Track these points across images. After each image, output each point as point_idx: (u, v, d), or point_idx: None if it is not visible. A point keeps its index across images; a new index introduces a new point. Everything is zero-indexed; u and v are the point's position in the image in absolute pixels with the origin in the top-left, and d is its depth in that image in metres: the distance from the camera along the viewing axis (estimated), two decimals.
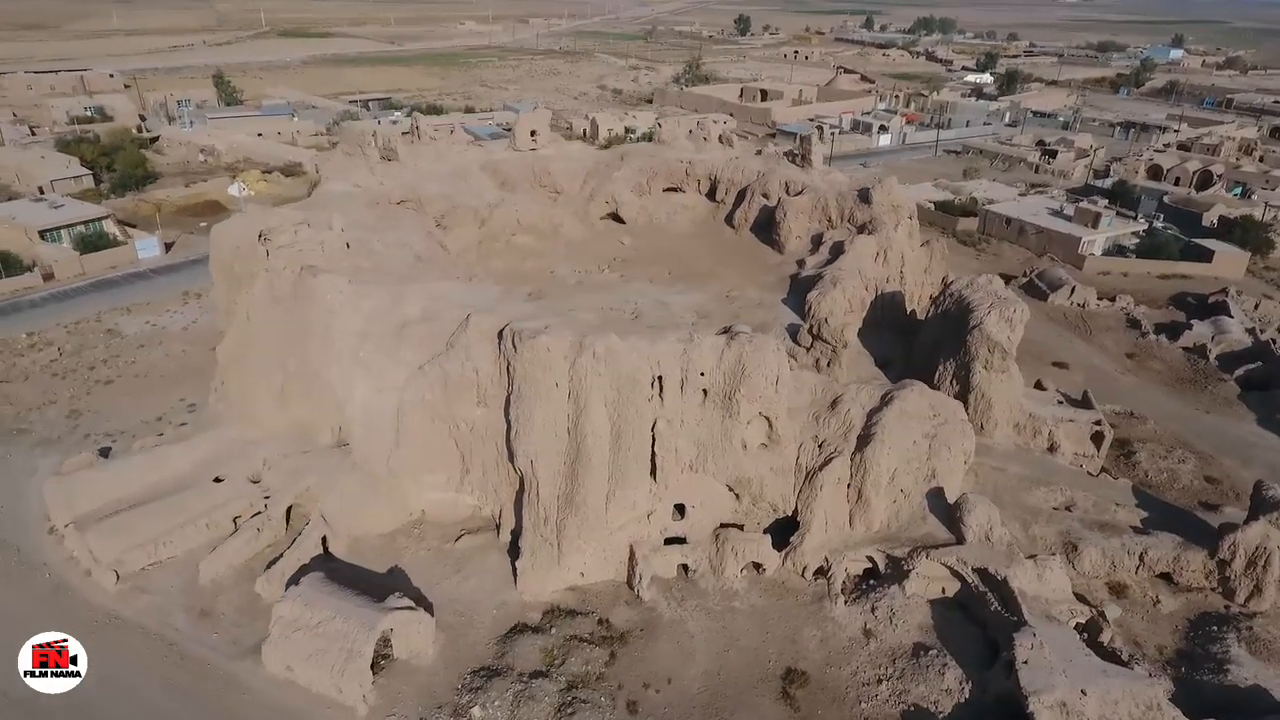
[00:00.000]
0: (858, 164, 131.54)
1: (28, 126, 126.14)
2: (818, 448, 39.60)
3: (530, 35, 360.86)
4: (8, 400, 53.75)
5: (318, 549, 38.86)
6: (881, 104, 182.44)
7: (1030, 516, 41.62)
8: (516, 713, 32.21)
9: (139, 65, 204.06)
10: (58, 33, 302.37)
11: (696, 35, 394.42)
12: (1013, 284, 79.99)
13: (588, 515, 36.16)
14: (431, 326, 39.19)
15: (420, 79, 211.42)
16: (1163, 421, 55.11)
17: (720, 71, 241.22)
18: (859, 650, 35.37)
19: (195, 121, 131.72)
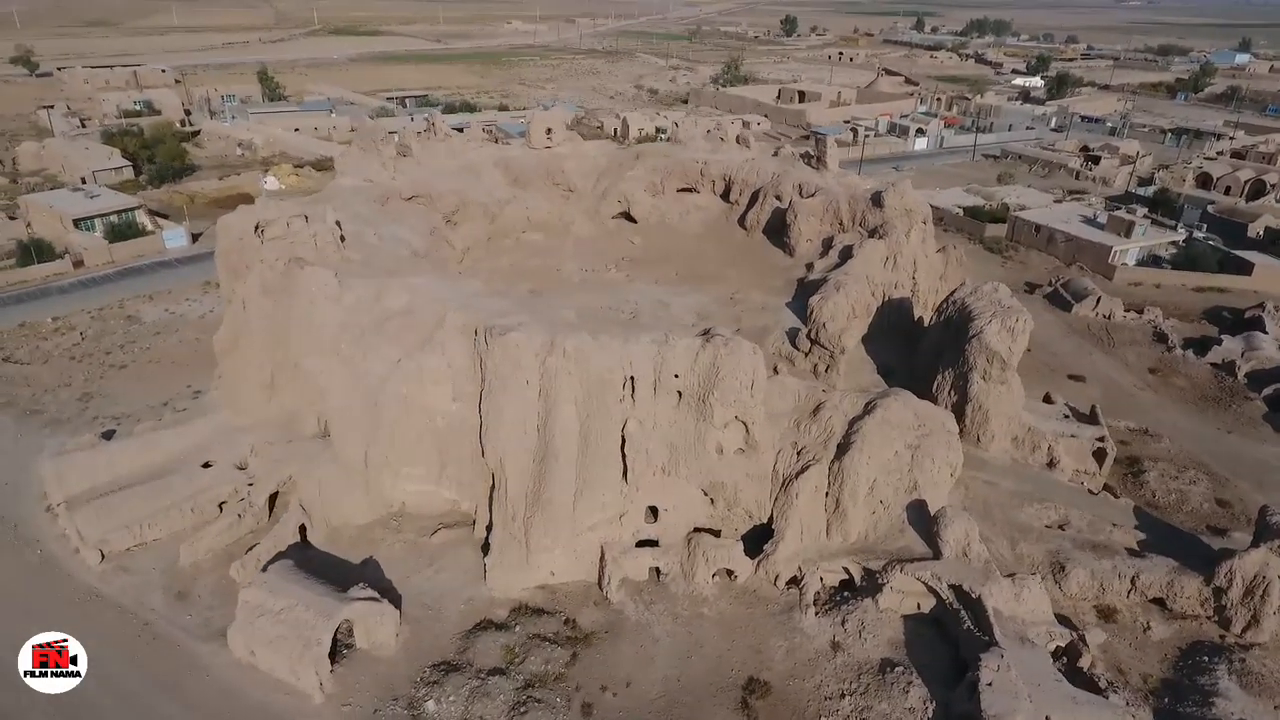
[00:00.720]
0: (890, 167, 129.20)
1: (79, 119, 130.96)
2: (796, 455, 38.83)
3: (575, 35, 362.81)
4: (26, 382, 55.77)
5: (295, 537, 39.39)
6: (922, 107, 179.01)
7: (1019, 534, 40.21)
8: (470, 709, 32.19)
9: (193, 61, 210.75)
10: (121, 29, 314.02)
11: (742, 36, 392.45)
12: (1037, 293, 77.81)
13: (555, 514, 35.99)
14: (411, 320, 39.43)
15: (461, 77, 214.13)
16: (1179, 440, 52.83)
17: (761, 72, 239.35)
18: (825, 663, 34.54)
19: (237, 116, 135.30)
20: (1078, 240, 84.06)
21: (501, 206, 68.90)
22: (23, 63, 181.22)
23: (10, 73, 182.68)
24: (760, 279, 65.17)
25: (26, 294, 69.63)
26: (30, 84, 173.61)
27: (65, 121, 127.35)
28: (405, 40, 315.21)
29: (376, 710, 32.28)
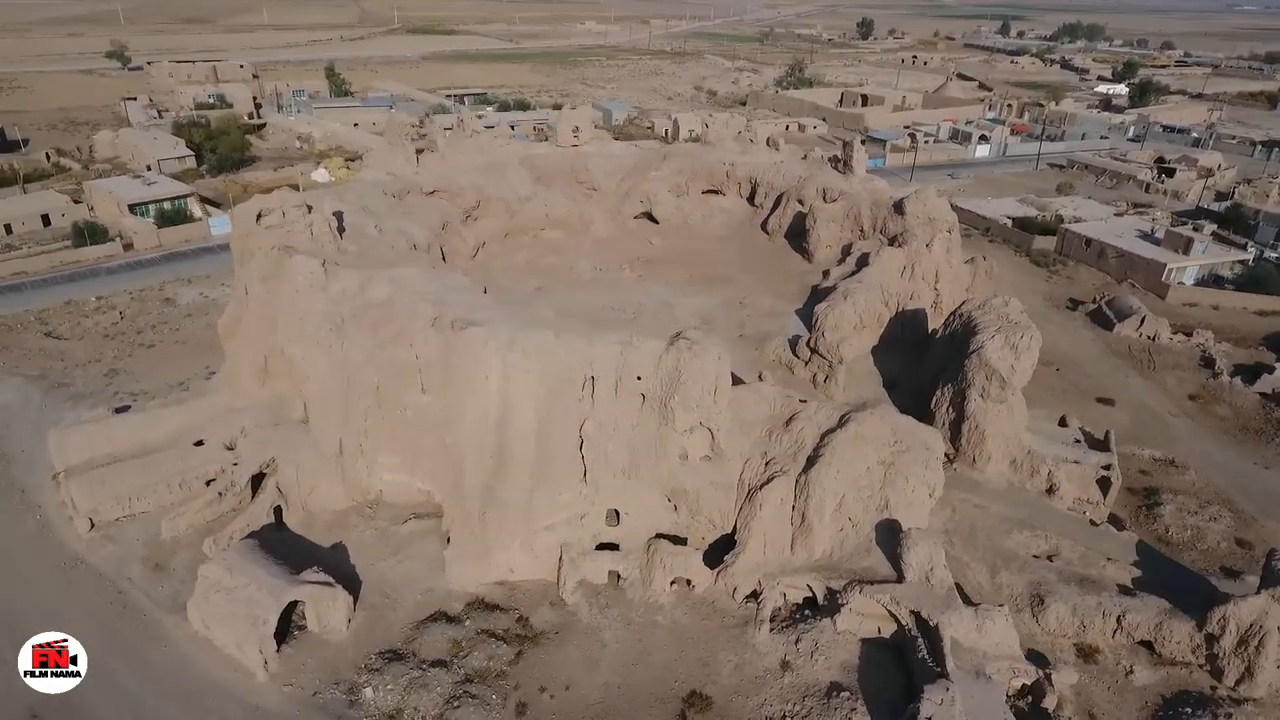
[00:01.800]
0: (945, 174, 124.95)
1: (157, 110, 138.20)
2: (764, 465, 37.72)
3: (647, 36, 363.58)
4: (61, 356, 59.02)
5: (269, 518, 40.46)
6: (990, 113, 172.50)
7: (1002, 561, 38.12)
8: (406, 699, 32.39)
9: (273, 57, 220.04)
10: (215, 26, 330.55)
11: (816, 39, 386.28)
12: (1080, 310, 73.89)
13: (510, 511, 35.92)
14: (388, 312, 39.92)
15: (526, 76, 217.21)
16: (1207, 473, 49.27)
17: (828, 75, 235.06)
18: (772, 682, 33.44)
19: (301, 110, 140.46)
20: (1130, 256, 79.40)
21: (521, 203, 69.43)
22: (116, 57, 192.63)
23: (104, 66, 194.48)
24: (775, 284, 63.86)
25: (78, 274, 73.77)
26: (121, 77, 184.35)
27: (143, 113, 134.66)
28: (479, 40, 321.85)
29: (316, 693, 32.81)
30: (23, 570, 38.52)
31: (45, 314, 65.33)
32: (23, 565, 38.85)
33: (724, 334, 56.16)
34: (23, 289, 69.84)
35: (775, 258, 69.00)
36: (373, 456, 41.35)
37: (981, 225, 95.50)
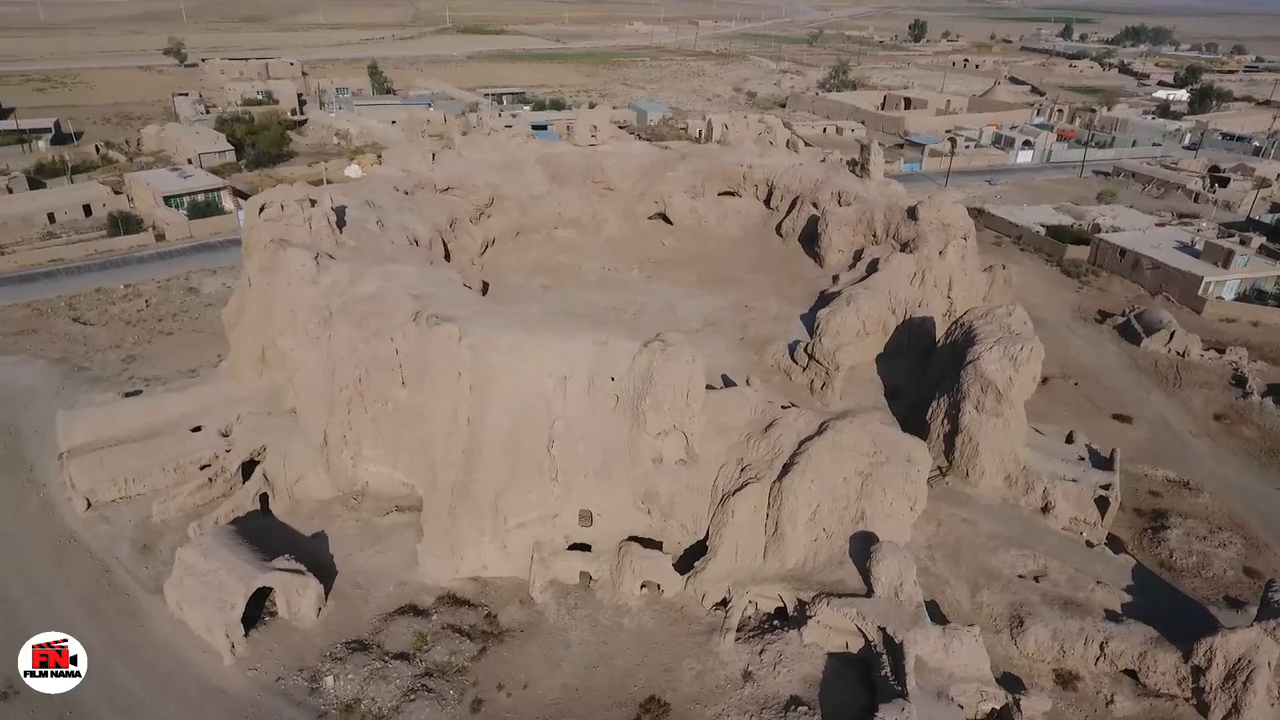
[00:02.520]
0: (983, 180, 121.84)
1: (205, 106, 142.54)
2: (739, 471, 37.09)
3: (695, 37, 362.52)
4: (84, 340, 61.20)
5: (254, 504, 41.31)
6: (1038, 118, 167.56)
7: (984, 580, 36.85)
8: (365, 689, 32.67)
9: (323, 56, 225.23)
10: (272, 25, 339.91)
11: (866, 41, 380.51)
12: (1108, 323, 71.20)
13: (479, 508, 36.00)
14: (374, 306, 40.37)
15: (569, 76, 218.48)
16: (1223, 497, 47.04)
17: (873, 78, 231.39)
18: (732, 692, 32.85)
19: (342, 107, 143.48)
20: (1166, 268, 76.24)
21: (534, 202, 69.75)
22: (173, 54, 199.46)
23: (162, 63, 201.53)
24: (784, 288, 63.01)
25: (110, 262, 76.45)
26: (177, 73, 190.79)
27: (192, 108, 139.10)
28: (527, 40, 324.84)
29: (280, 679, 33.31)
30: (19, 545, 39.96)
31: (75, 300, 67.82)
32: (20, 541, 40.31)
33: (726, 336, 55.74)
34: (57, 275, 72.66)
35: (787, 261, 68.05)
36: (357, 448, 41.87)
37: (1013, 233, 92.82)
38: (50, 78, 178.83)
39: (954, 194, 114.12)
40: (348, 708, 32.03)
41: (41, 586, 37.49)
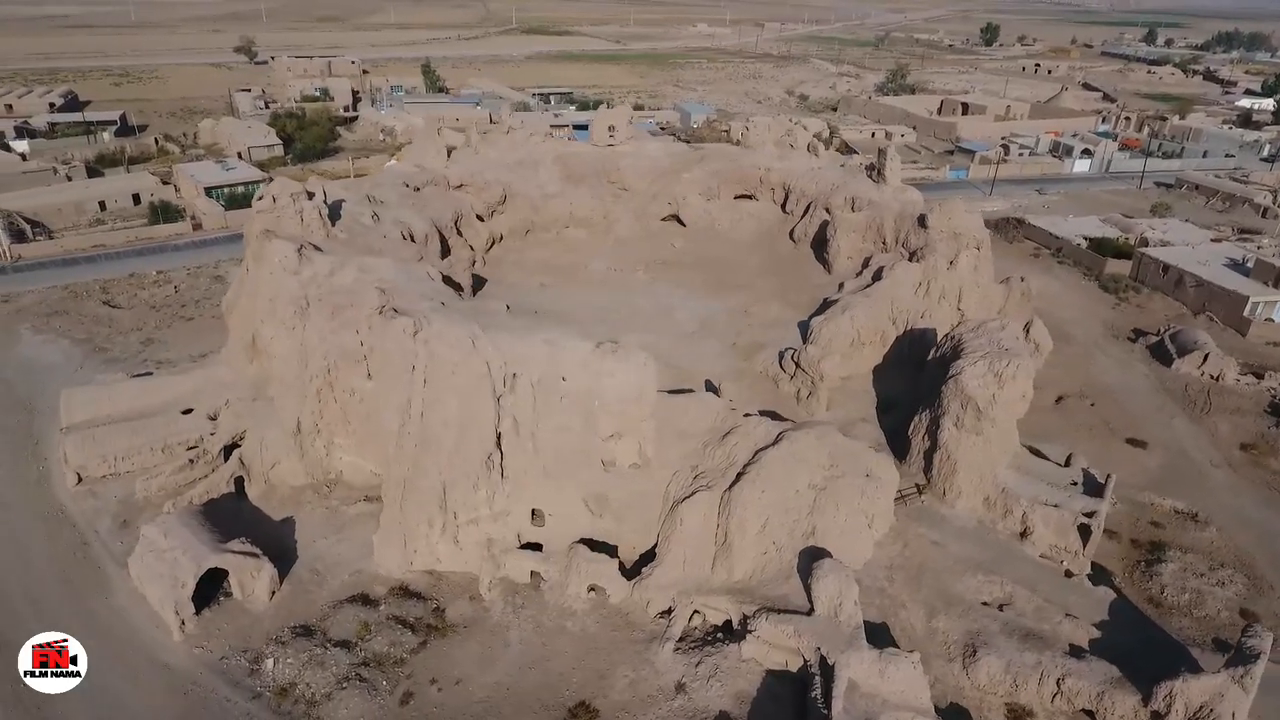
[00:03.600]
0: (1033, 189, 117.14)
1: (264, 102, 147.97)
2: (692, 478, 36.39)
3: (757, 39, 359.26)
4: (110, 323, 64.11)
5: (229, 487, 42.50)
6: (1103, 125, 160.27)
7: (943, 605, 35.26)
8: (301, 674, 33.17)
9: (387, 55, 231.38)
10: (345, 25, 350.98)
11: (935, 44, 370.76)
12: (1141, 341, 67.48)
13: (428, 501, 36.21)
14: (348, 299, 41.03)
15: (622, 77, 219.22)
16: (1233, 532, 44.03)
17: (935, 82, 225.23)
18: (662, 703, 32.21)
19: (393, 105, 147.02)
20: (1210, 286, 71.85)
21: (546, 201, 69.98)
22: (244, 52, 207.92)
23: (233, 60, 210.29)
24: (789, 294, 61.69)
25: (148, 249, 79.96)
26: (246, 70, 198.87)
27: (251, 104, 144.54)
28: (588, 40, 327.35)
29: (224, 658, 34.13)
30: (11, 514, 42.04)
31: (109, 284, 71.13)
32: (13, 509, 42.41)
33: (719, 341, 54.90)
34: (97, 260, 76.35)
35: (796, 267, 66.61)
36: (330, 438, 42.68)
37: (1053, 244, 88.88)
38: (129, 73, 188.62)
39: (997, 203, 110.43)
40: (283, 691, 32.59)
41: (24, 553, 39.34)
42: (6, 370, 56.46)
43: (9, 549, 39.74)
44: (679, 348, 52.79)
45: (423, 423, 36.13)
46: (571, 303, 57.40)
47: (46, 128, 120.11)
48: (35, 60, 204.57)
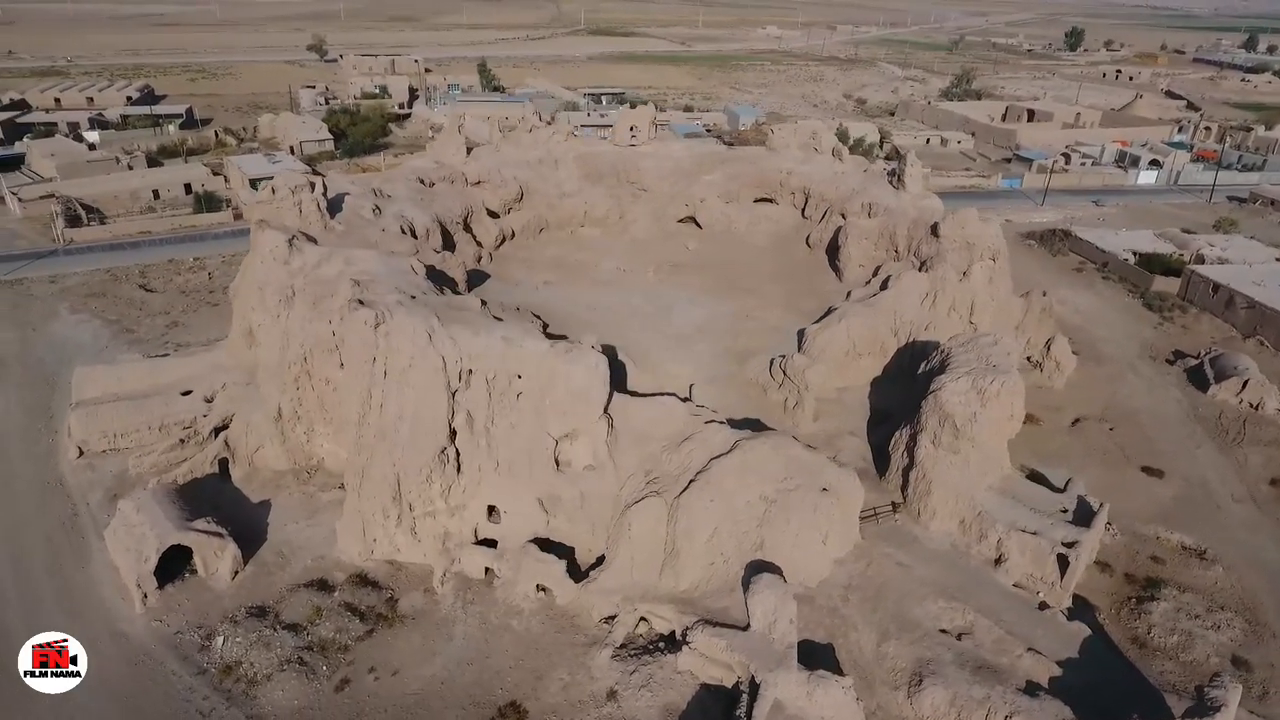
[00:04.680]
0: (1090, 200, 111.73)
1: (324, 98, 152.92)
2: (645, 483, 35.81)
3: (830, 41, 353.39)
4: (141, 306, 67.14)
5: (213, 468, 43.91)
6: (1179, 135, 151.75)
7: (897, 629, 33.77)
8: (247, 654, 33.94)
9: (453, 54, 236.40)
10: (419, 25, 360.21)
11: (1014, 49, 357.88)
12: (1179, 364, 63.47)
13: (384, 491, 36.60)
14: (328, 289, 41.90)
15: (679, 78, 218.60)
16: (1242, 573, 40.98)
17: (1006, 88, 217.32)
18: (592, 709, 31.79)
19: (446, 102, 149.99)
20: (1261, 308, 67.12)
21: (562, 199, 70.22)
22: (316, 50, 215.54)
23: (305, 58, 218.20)
24: (796, 300, 60.39)
25: (190, 236, 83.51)
26: (316, 67, 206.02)
27: (313, 100, 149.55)
28: (653, 42, 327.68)
29: (178, 633, 35.20)
30: (14, 481, 44.40)
31: (148, 269, 74.54)
32: (17, 477, 44.77)
33: (714, 346, 54.03)
34: (141, 246, 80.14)
35: (809, 273, 65.10)
36: (310, 424, 43.64)
37: (1099, 259, 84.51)
38: (206, 69, 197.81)
39: (1048, 213, 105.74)
40: (227, 669, 33.40)
41: (18, 519, 41.48)
42: (39, 347, 59.70)
43: (4, 513, 41.93)
44: (670, 350, 52.21)
45: (381, 414, 36.55)
46: (569, 302, 57.41)
47: (119, 120, 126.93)
48: (124, 56, 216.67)
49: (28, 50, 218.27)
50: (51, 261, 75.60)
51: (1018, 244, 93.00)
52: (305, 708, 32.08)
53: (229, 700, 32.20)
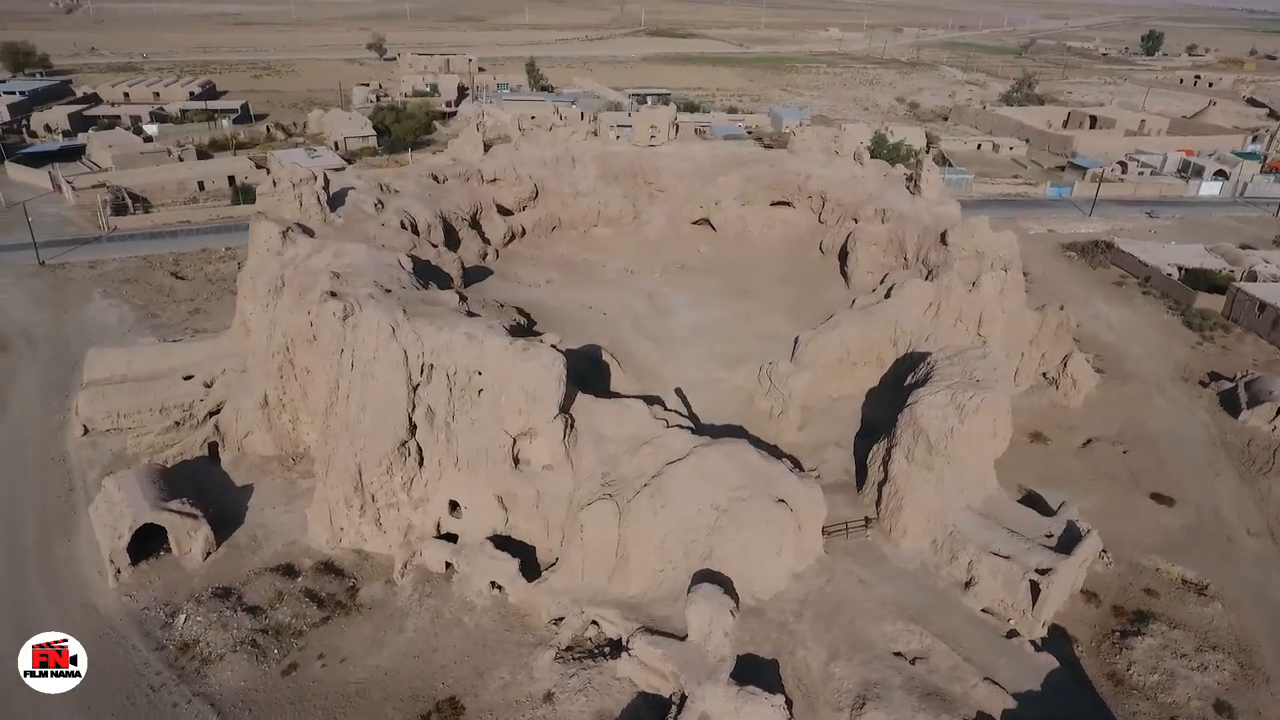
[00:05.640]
0: (1143, 211, 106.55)
1: (375, 96, 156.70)
2: (601, 485, 35.44)
3: (892, 44, 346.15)
4: (169, 293, 69.81)
5: (201, 450, 45.28)
6: (1253, 145, 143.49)
7: (848, 649, 32.62)
8: (205, 633, 34.78)
9: (508, 54, 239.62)
10: (482, 25, 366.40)
11: (1088, 53, 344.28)
12: (1213, 387, 59.98)
13: (343, 481, 37.12)
14: (314, 280, 42.73)
15: (730, 79, 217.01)
16: (1243, 612, 38.45)
17: (1074, 93, 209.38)
18: (528, 710, 31.63)
19: (492, 100, 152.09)
20: None
21: (577, 198, 70.32)
22: (375, 49, 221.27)
23: (364, 56, 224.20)
24: (801, 306, 59.19)
25: (226, 226, 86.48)
26: (375, 65, 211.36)
27: (364, 97, 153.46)
28: (712, 43, 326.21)
29: (145, 609, 36.32)
30: (21, 454, 46.63)
31: (182, 257, 77.51)
32: (25, 451, 47.01)
33: (706, 350, 53.36)
34: (179, 234, 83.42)
35: (818, 279, 63.68)
36: (295, 412, 44.61)
37: (1141, 273, 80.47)
38: (270, 66, 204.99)
39: (1095, 224, 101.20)
40: (184, 646, 34.31)
41: (18, 489, 43.56)
42: (68, 329, 62.64)
43: (5, 484, 44.04)
44: (660, 353, 51.79)
45: (346, 404, 37.09)
46: (568, 301, 57.42)
47: (177, 114, 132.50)
48: (195, 53, 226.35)
49: (109, 47, 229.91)
50: (95, 247, 79.30)
51: (1057, 255, 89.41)
52: (250, 689, 32.71)
53: (180, 677, 33.05)
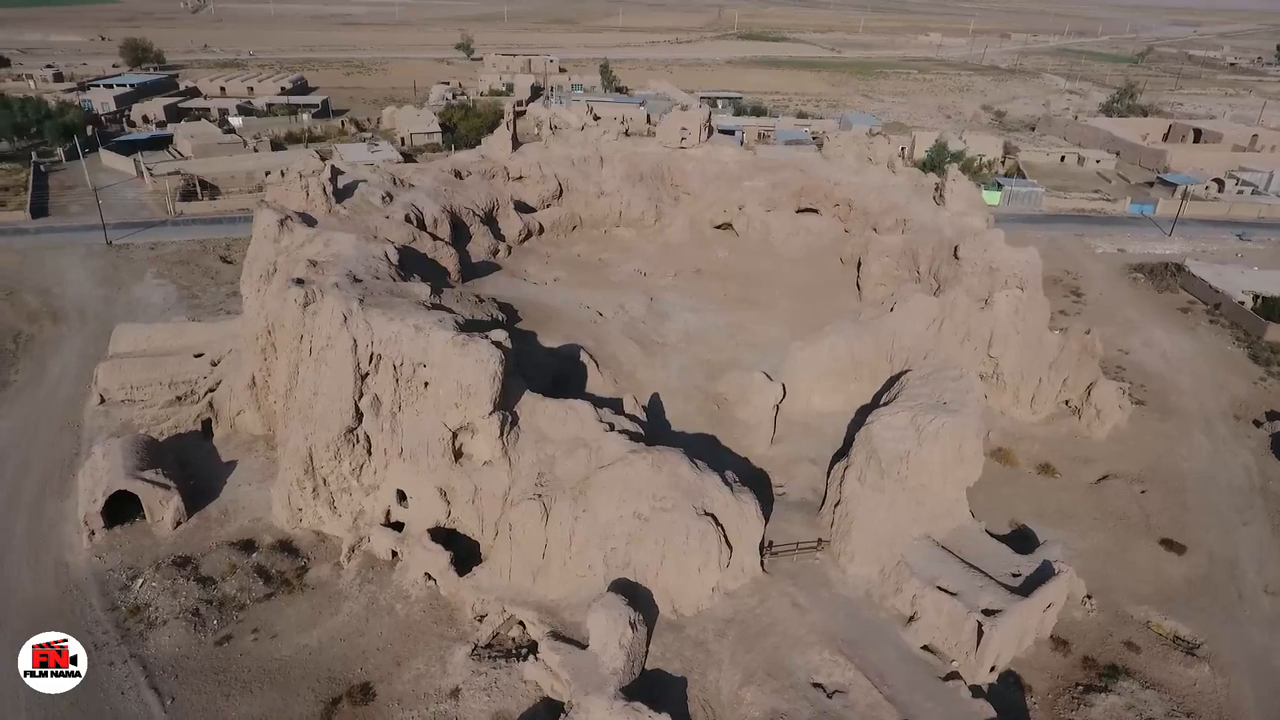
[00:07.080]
0: (1234, 234, 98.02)
1: (452, 93, 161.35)
2: (534, 484, 35.19)
3: (996, 50, 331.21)
4: (213, 276, 73.77)
5: (195, 425, 47.58)
6: None
7: (765, 675, 31.26)
8: (156, 599, 36.44)
9: (593, 55, 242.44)
10: (576, 27, 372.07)
11: (1214, 62, 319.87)
12: (1267, 428, 54.60)
13: (296, 464, 38.16)
14: (298, 268, 44.21)
15: (813, 84, 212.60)
16: (1235, 677, 34.88)
17: (1185, 104, 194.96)
18: (433, 703, 31.72)
19: (562, 101, 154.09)
20: None
21: (599, 198, 70.35)
22: (463, 49, 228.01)
23: (453, 56, 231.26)
24: (806, 316, 57.50)
25: None
26: (462, 65, 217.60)
27: (441, 95, 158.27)
28: (804, 47, 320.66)
29: (110, 570, 38.36)
30: (41, 417, 50.20)
31: (233, 242, 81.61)
32: (46, 414, 50.57)
33: (694, 356, 52.56)
34: (235, 221, 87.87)
35: (833, 289, 61.46)
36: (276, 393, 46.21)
37: (1211, 299, 74.04)
38: (363, 64, 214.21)
39: (1174, 244, 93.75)
40: (135, 610, 36.03)
41: (31, 450, 46.85)
42: (117, 305, 67.01)
43: (20, 444, 47.43)
44: (645, 357, 51.12)
45: (302, 388, 38.17)
46: (567, 300, 57.34)
47: (263, 108, 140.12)
48: (299, 51, 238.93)
49: (220, 45, 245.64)
50: (160, 230, 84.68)
51: (1122, 276, 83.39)
52: (183, 656, 34.04)
53: (123, 638, 34.70)
